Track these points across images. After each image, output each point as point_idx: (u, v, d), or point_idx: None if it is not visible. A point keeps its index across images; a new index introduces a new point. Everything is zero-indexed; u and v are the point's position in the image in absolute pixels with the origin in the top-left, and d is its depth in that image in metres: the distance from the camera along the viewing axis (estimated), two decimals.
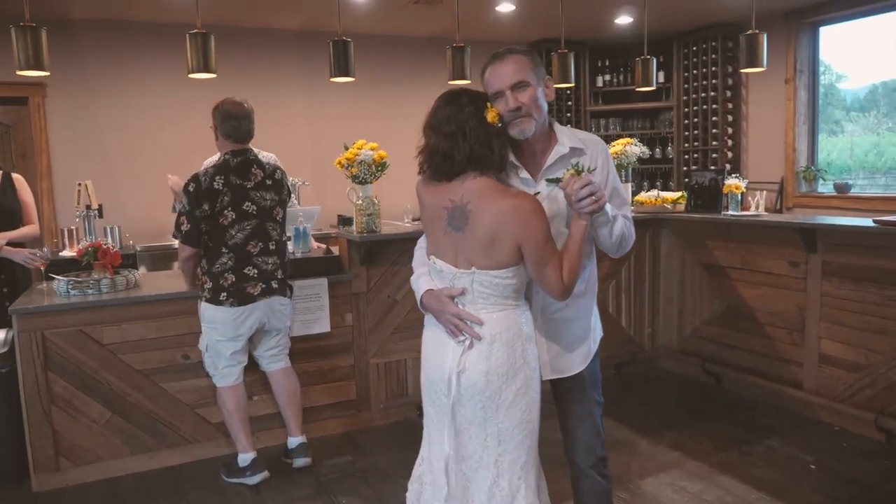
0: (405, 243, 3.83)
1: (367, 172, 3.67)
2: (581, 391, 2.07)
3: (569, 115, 7.00)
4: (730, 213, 4.18)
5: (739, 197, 4.18)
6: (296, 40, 6.10)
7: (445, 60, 6.59)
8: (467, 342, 1.83)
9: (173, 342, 3.27)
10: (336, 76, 4.09)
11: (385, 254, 3.78)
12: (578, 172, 1.81)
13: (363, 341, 3.77)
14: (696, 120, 6.71)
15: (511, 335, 1.83)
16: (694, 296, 4.43)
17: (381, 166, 3.72)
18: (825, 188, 6.00)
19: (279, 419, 3.40)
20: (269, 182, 3.04)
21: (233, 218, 2.93)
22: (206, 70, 3.60)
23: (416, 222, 4.06)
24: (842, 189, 5.71)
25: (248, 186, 2.97)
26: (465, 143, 1.77)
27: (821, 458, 3.22)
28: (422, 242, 2.07)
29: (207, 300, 2.98)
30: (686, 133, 6.78)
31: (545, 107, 1.91)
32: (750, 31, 4.38)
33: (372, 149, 3.71)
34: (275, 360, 3.21)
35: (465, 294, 1.83)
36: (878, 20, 5.58)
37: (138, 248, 4.99)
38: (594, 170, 1.88)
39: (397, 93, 6.48)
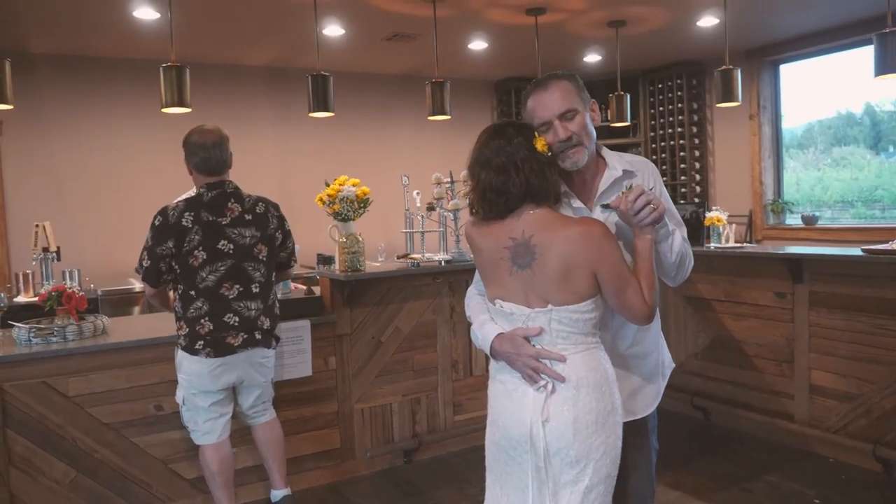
0: (390, 282, 3.70)
1: (350, 209, 3.55)
2: (642, 436, 1.89)
3: None
4: (712, 245, 4.19)
5: (721, 229, 4.20)
6: (265, 76, 6.00)
7: (416, 98, 6.62)
8: (549, 386, 1.65)
9: (145, 392, 3.04)
10: (315, 111, 4.00)
11: (369, 293, 3.64)
12: None
13: (347, 386, 3.59)
14: (664, 156, 6.83)
15: (598, 378, 1.67)
16: (679, 329, 4.40)
17: (363, 203, 3.61)
18: (793, 220, 6.13)
19: (259, 472, 3.18)
20: (248, 217, 2.74)
21: (203, 258, 2.65)
22: (181, 104, 3.45)
23: (398, 260, 3.94)
24: (809, 221, 5.83)
25: (224, 223, 2.69)
26: (518, 175, 1.66)
27: (823, 492, 3.16)
28: (474, 290, 1.92)
29: (183, 348, 2.72)
30: None
31: (594, 133, 1.81)
32: (724, 67, 4.47)
33: (354, 185, 3.61)
34: (258, 415, 2.96)
35: (543, 335, 1.66)
36: (819, 61, 5.86)
37: (100, 293, 4.72)
38: (651, 189, 1.78)
39: (368, 130, 6.41)
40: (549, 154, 1.72)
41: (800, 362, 3.71)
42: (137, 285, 5.01)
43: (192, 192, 3.22)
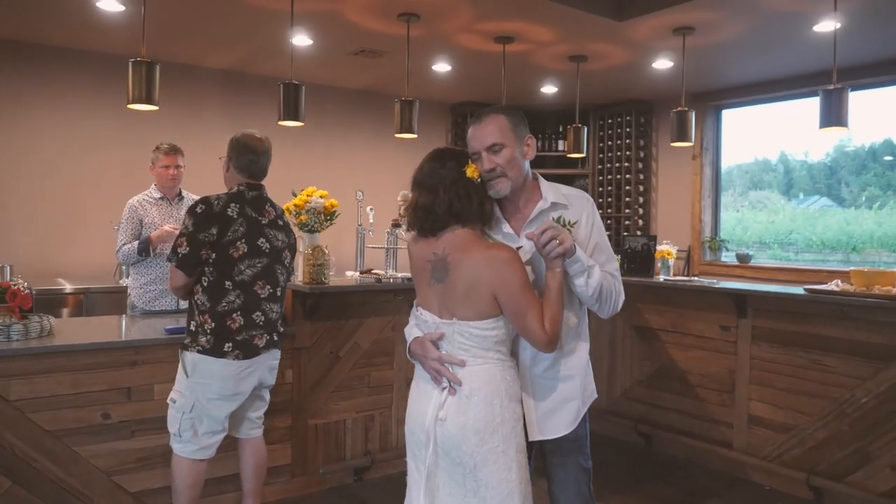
0: (352, 296, 3.66)
1: (317, 221, 3.52)
2: (563, 455, 2.02)
3: None
4: (661, 277, 4.37)
5: (671, 262, 4.39)
6: (222, 80, 5.86)
7: (374, 114, 6.63)
8: (448, 388, 1.82)
9: (92, 399, 2.87)
10: (285, 119, 3.94)
11: (331, 307, 3.59)
12: (563, 227, 1.85)
13: (302, 400, 3.51)
14: (610, 188, 7.08)
15: (490, 390, 1.80)
16: (625, 357, 4.54)
17: (330, 215, 3.58)
18: (727, 257, 6.47)
19: (214, 485, 3.04)
20: (280, 223, 2.80)
21: (244, 251, 2.62)
22: (149, 101, 3.34)
23: (361, 275, 3.91)
24: (743, 259, 6.17)
25: (264, 222, 2.71)
26: (444, 195, 1.83)
27: None
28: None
29: (205, 350, 2.59)
30: (600, 200, 7.12)
31: (524, 165, 1.97)
32: (679, 109, 4.70)
33: (322, 196, 3.58)
34: (256, 426, 2.88)
35: (446, 344, 1.84)
36: (751, 110, 6.32)
37: (34, 292, 4.43)
38: (575, 223, 1.90)
39: (323, 142, 6.36)
40: (479, 180, 1.88)
41: (740, 393, 3.90)
42: (68, 286, 4.76)
43: (138, 197, 3.18)
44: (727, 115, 6.51)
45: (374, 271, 3.92)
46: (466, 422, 1.78)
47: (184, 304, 3.78)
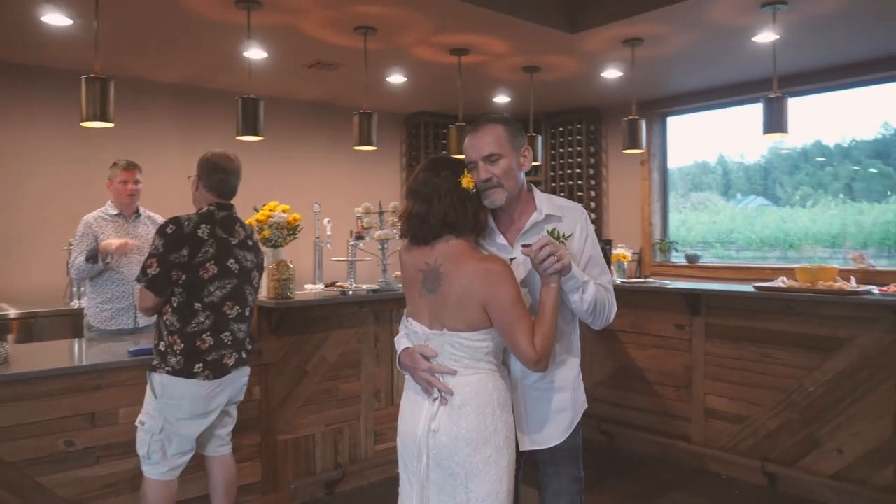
0: (318, 310, 3.66)
1: (280, 235, 3.51)
2: (556, 465, 2.03)
3: None
4: (617, 279, 4.51)
5: (626, 265, 4.54)
6: (174, 94, 5.76)
7: (328, 126, 6.62)
8: (439, 399, 1.81)
9: (54, 427, 2.79)
10: (243, 135, 3.92)
11: (297, 321, 3.58)
12: (557, 239, 1.86)
13: (271, 416, 3.49)
14: (562, 194, 7.24)
15: (482, 401, 1.80)
16: (587, 359, 4.67)
17: (293, 230, 3.58)
18: (676, 258, 6.71)
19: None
20: (249, 243, 2.80)
21: (214, 273, 2.60)
22: (104, 118, 3.27)
23: (326, 288, 3.91)
24: (692, 259, 6.41)
25: (234, 243, 2.69)
26: (439, 205, 1.81)
27: None
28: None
29: (175, 371, 2.56)
30: None
31: (520, 176, 1.95)
32: (630, 117, 4.87)
33: (285, 211, 3.58)
34: (224, 444, 2.86)
35: (438, 356, 1.83)
36: (694, 116, 6.61)
37: None
38: (570, 236, 1.91)
39: (281, 155, 6.31)
40: (474, 190, 1.87)
41: (696, 388, 4.06)
42: (12, 311, 4.58)
43: (94, 214, 3.17)
44: (672, 121, 6.77)
45: (338, 284, 3.92)
46: (459, 432, 1.78)
47: (143, 322, 3.71)
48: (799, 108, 5.64)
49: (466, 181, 1.85)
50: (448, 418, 1.79)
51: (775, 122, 3.88)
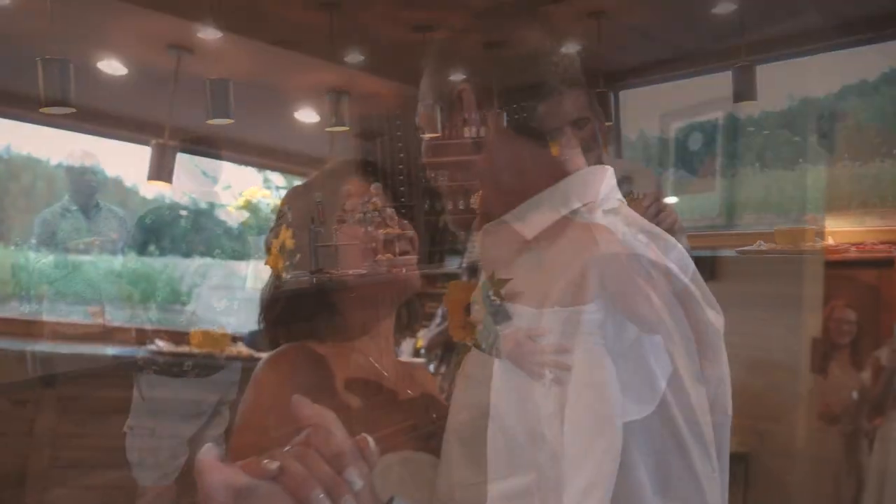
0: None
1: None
2: None
3: None
4: None
5: None
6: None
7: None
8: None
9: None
10: (213, 119, 3.72)
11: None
12: None
13: None
14: None
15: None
16: None
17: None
18: None
19: None
20: None
21: None
22: (65, 104, 3.02)
23: None
24: None
25: None
26: None
27: None
28: None
29: (163, 371, 2.49)
30: None
31: None
32: (598, 90, 4.90)
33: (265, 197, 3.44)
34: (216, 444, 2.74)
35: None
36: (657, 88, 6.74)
37: None
38: None
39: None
40: None
41: None
42: None
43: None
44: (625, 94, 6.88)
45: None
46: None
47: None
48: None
49: None
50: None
51: (745, 91, 3.95)
